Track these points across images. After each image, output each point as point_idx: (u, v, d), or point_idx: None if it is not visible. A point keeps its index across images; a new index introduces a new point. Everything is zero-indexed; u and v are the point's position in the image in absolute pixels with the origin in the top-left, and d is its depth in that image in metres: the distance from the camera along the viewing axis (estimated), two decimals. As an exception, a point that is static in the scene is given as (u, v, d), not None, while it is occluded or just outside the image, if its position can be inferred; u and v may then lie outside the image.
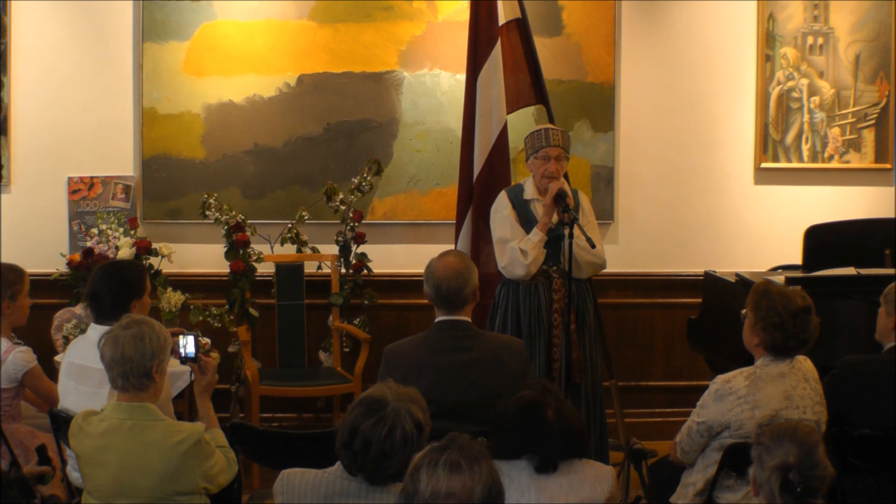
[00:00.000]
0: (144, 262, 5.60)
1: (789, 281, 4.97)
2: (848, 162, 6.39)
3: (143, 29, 6.01)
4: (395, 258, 6.17)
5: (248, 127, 6.09)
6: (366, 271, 5.96)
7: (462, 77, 5.73)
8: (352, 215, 5.93)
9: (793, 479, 2.69)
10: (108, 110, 6.06)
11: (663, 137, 6.34)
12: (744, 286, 4.92)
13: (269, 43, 6.08)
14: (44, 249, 5.90)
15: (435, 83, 6.15)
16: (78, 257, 5.66)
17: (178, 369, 4.35)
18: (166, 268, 5.76)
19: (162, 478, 3.20)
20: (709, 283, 5.46)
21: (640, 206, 6.34)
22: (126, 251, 5.63)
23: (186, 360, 3.56)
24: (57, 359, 5.08)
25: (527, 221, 4.84)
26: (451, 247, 5.35)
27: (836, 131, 6.36)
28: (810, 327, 3.73)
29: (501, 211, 4.91)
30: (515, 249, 4.77)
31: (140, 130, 6.05)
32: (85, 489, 3.36)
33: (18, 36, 5.99)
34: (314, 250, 6.01)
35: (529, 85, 5.62)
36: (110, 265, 4.15)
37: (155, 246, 5.71)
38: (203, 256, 6.07)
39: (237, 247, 5.79)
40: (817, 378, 3.79)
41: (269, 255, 5.95)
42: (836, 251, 5.27)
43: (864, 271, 4.99)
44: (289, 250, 6.01)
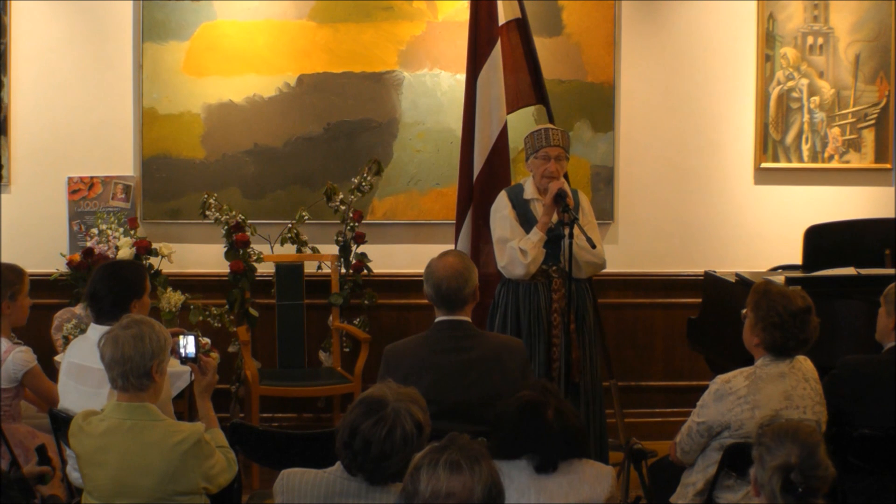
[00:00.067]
0: (144, 262, 5.59)
1: (789, 281, 4.96)
2: (848, 162, 6.39)
3: (143, 29, 6.00)
4: (395, 258, 6.17)
5: (248, 127, 6.09)
6: (366, 271, 5.96)
7: (462, 77, 5.73)
8: (352, 215, 5.92)
9: (794, 480, 2.69)
10: (108, 110, 6.06)
11: (663, 137, 6.34)
12: (744, 286, 4.92)
13: (269, 43, 6.08)
14: (44, 249, 5.90)
15: (435, 83, 6.15)
16: (78, 257, 5.66)
17: (178, 369, 4.35)
18: (166, 268, 5.76)
19: (162, 478, 3.20)
20: (709, 283, 5.45)
21: (640, 206, 6.34)
22: (126, 251, 5.62)
23: (186, 360, 3.56)
24: (57, 359, 5.07)
25: (527, 221, 4.84)
26: (451, 247, 5.35)
27: (836, 131, 6.36)
28: (810, 327, 3.72)
29: (501, 211, 4.91)
30: (515, 249, 4.77)
31: (140, 130, 6.05)
32: (85, 489, 3.36)
33: (18, 36, 5.98)
34: (314, 250, 6.01)
35: (529, 85, 5.62)
36: (110, 265, 4.15)
37: (155, 246, 5.71)
38: (203, 256, 6.07)
39: (237, 247, 5.79)
40: (817, 378, 3.79)
41: (269, 255, 5.95)
42: (836, 251, 5.27)
43: (864, 271, 4.99)
44: (289, 250, 6.01)
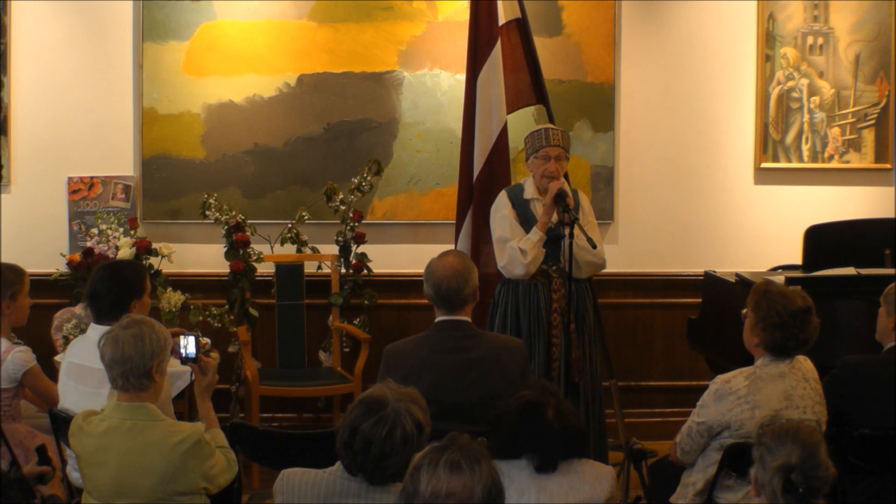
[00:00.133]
0: (144, 262, 5.59)
1: (789, 281, 4.96)
2: (848, 162, 6.39)
3: (143, 29, 6.00)
4: (395, 258, 6.17)
5: (248, 127, 6.09)
6: (366, 271, 5.96)
7: (462, 77, 5.73)
8: (352, 215, 5.92)
9: (795, 480, 2.69)
10: (108, 110, 6.06)
11: (663, 137, 6.34)
12: (744, 286, 4.91)
13: (269, 43, 6.08)
14: (44, 249, 5.90)
15: (435, 83, 6.15)
16: (78, 257, 5.66)
17: (178, 369, 4.35)
18: (166, 268, 5.76)
19: (162, 478, 3.19)
20: (709, 283, 5.45)
21: (640, 206, 6.34)
22: (126, 251, 5.62)
23: (187, 360, 3.56)
24: (57, 359, 5.07)
25: (527, 221, 4.84)
26: (451, 247, 5.35)
27: (836, 131, 6.36)
28: (810, 328, 3.72)
29: (501, 210, 4.91)
30: (515, 249, 4.77)
31: (140, 130, 6.05)
32: (85, 489, 3.36)
33: (18, 36, 5.98)
34: (314, 250, 6.01)
35: (529, 85, 5.62)
36: (110, 265, 4.15)
37: (155, 246, 5.71)
38: (203, 256, 6.07)
39: (237, 247, 5.79)
40: (817, 378, 3.79)
41: (269, 255, 5.95)
42: (836, 251, 5.27)
43: (864, 271, 4.99)
44: (289, 250, 6.01)
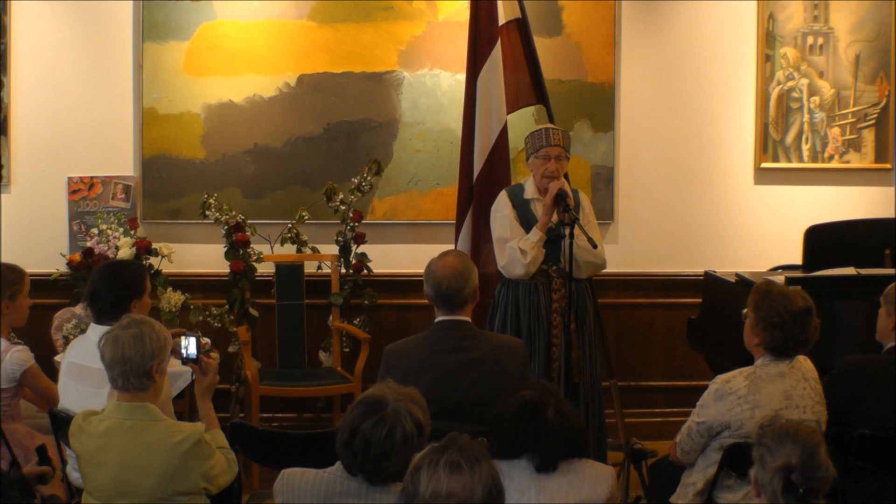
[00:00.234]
0: (144, 262, 5.59)
1: (789, 281, 4.96)
2: (848, 162, 6.38)
3: (143, 29, 6.00)
4: (395, 258, 6.16)
5: (248, 127, 6.09)
6: (366, 271, 5.96)
7: (462, 77, 5.73)
8: (352, 215, 5.92)
9: (795, 481, 2.68)
10: (108, 110, 6.06)
11: (663, 137, 6.34)
12: (744, 286, 4.91)
13: (269, 43, 6.08)
14: (44, 249, 5.90)
15: (435, 83, 6.15)
16: (78, 257, 5.66)
17: (178, 369, 4.35)
18: (166, 268, 5.76)
19: (162, 478, 3.19)
20: (709, 283, 5.45)
21: (640, 206, 6.33)
22: (126, 251, 5.62)
23: (188, 361, 3.56)
24: (57, 359, 5.07)
25: (527, 221, 4.84)
26: (451, 247, 5.35)
27: (836, 131, 6.36)
28: (811, 328, 3.72)
29: (501, 210, 4.91)
30: (515, 249, 4.77)
31: (140, 130, 6.05)
32: (85, 489, 3.36)
33: (18, 36, 5.98)
34: (314, 250, 6.01)
35: (529, 85, 5.62)
36: (110, 265, 4.14)
37: (155, 246, 5.71)
38: (203, 256, 6.07)
39: (237, 247, 5.79)
40: (817, 378, 3.79)
41: (269, 255, 5.95)
42: (836, 251, 5.27)
43: (864, 271, 4.99)
44: (289, 250, 6.01)
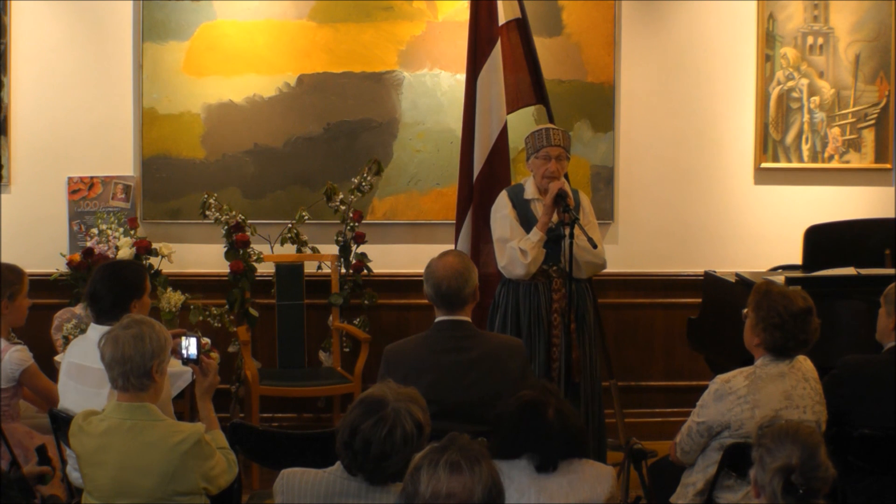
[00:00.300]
0: (144, 262, 5.59)
1: (789, 281, 4.96)
2: (848, 162, 6.38)
3: (143, 29, 6.00)
4: (395, 258, 6.16)
5: (248, 127, 6.09)
6: (366, 271, 5.96)
7: (462, 77, 5.73)
8: (352, 215, 5.92)
9: (795, 481, 2.68)
10: (108, 110, 6.06)
11: (663, 137, 6.34)
12: (744, 286, 4.91)
13: (269, 43, 6.08)
14: (44, 249, 5.90)
15: (435, 83, 6.15)
16: (78, 257, 5.66)
17: (178, 369, 4.35)
18: (166, 268, 5.76)
19: (162, 478, 3.19)
20: (709, 283, 5.45)
21: (640, 206, 6.33)
22: (126, 251, 5.62)
23: (188, 361, 3.56)
24: (57, 359, 5.08)
25: (527, 221, 4.84)
26: (451, 247, 5.35)
27: (836, 131, 6.36)
28: (811, 328, 3.72)
29: (502, 210, 4.91)
30: (515, 249, 4.77)
31: (140, 130, 6.05)
32: (85, 489, 3.36)
33: (18, 36, 5.98)
34: (314, 250, 6.01)
35: (529, 85, 5.62)
36: (110, 265, 4.14)
37: (155, 246, 5.71)
38: (203, 256, 6.07)
39: (237, 247, 5.79)
40: (817, 378, 3.79)
41: (269, 255, 5.95)
42: (836, 251, 5.27)
43: (864, 271, 4.98)
44: (289, 250, 6.01)
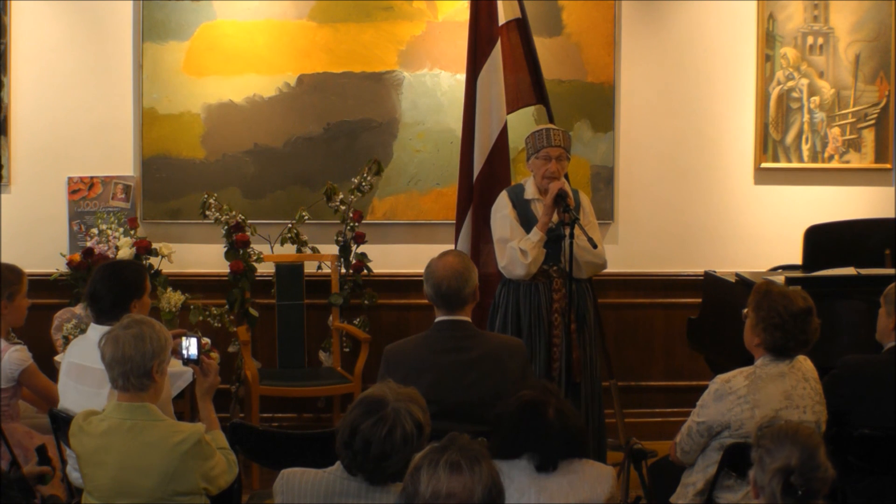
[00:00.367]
0: (144, 262, 5.59)
1: (789, 281, 4.96)
2: (848, 162, 6.38)
3: (143, 29, 6.00)
4: (395, 258, 6.17)
5: (248, 127, 6.09)
6: (366, 271, 5.96)
7: (462, 77, 5.73)
8: (352, 215, 5.92)
9: (794, 482, 2.67)
10: (108, 110, 6.06)
11: (663, 137, 6.34)
12: (744, 286, 4.91)
13: (269, 43, 6.08)
14: (44, 249, 5.90)
15: (435, 83, 6.15)
16: (78, 257, 5.66)
17: (178, 369, 4.35)
18: (166, 268, 5.76)
19: (162, 478, 3.19)
20: (709, 283, 5.45)
21: (640, 206, 6.33)
22: (126, 251, 5.62)
23: (189, 361, 3.56)
24: (57, 359, 5.08)
25: (527, 221, 4.84)
26: (451, 247, 5.35)
27: (836, 131, 6.36)
28: (811, 328, 3.72)
29: (502, 211, 4.91)
30: (515, 249, 4.77)
31: (140, 130, 6.05)
32: (85, 489, 3.36)
33: (18, 36, 5.98)
34: (314, 250, 6.01)
35: (529, 85, 5.62)
36: (110, 265, 4.14)
37: (155, 246, 5.71)
38: (203, 256, 6.07)
39: (237, 247, 5.79)
40: (817, 378, 3.79)
41: (269, 255, 5.95)
42: (836, 251, 5.27)
43: (864, 271, 4.98)
44: (289, 250, 6.01)
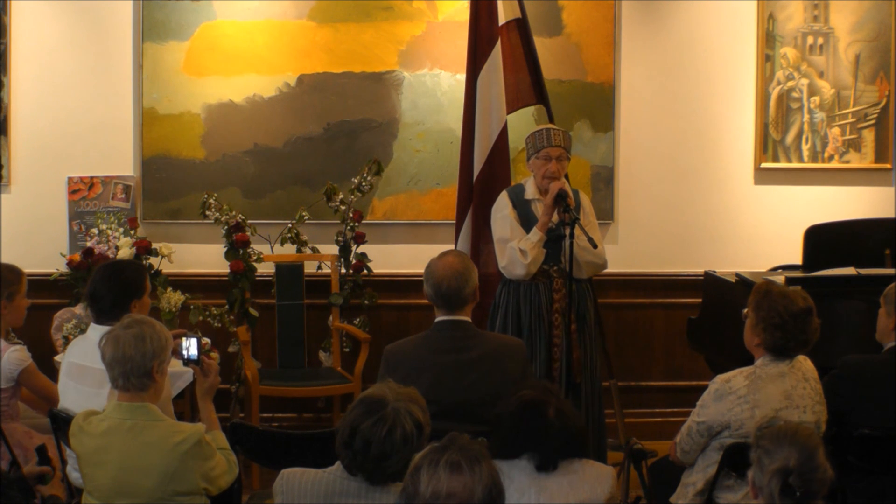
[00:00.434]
0: (144, 262, 5.59)
1: (789, 281, 4.96)
2: (848, 162, 6.39)
3: (143, 29, 6.00)
4: (395, 258, 6.17)
5: (248, 127, 6.09)
6: (366, 271, 5.96)
7: (462, 77, 5.73)
8: (352, 215, 5.92)
9: (793, 483, 2.67)
10: (108, 110, 6.06)
11: (663, 137, 6.33)
12: (744, 286, 4.92)
13: (269, 43, 6.08)
14: (44, 249, 5.90)
15: (435, 83, 6.15)
16: (78, 257, 5.66)
17: (178, 369, 4.35)
18: (166, 268, 5.76)
19: (162, 478, 3.19)
20: (709, 283, 5.45)
21: (640, 206, 6.33)
22: (126, 251, 5.62)
23: (189, 362, 3.56)
24: (57, 359, 5.08)
25: (527, 221, 4.84)
26: (451, 247, 5.35)
27: (836, 131, 6.36)
28: (811, 328, 3.72)
29: (502, 211, 4.92)
30: (515, 249, 4.78)
31: (140, 130, 6.05)
32: (85, 489, 3.36)
33: (18, 36, 5.98)
34: (314, 250, 6.01)
35: (529, 85, 5.62)
36: (110, 265, 4.14)
37: (155, 246, 5.71)
38: (203, 256, 6.07)
39: (237, 247, 5.79)
40: (817, 378, 3.79)
41: (269, 255, 5.95)
42: (836, 251, 5.27)
43: (864, 271, 4.98)
44: (289, 250, 6.01)
